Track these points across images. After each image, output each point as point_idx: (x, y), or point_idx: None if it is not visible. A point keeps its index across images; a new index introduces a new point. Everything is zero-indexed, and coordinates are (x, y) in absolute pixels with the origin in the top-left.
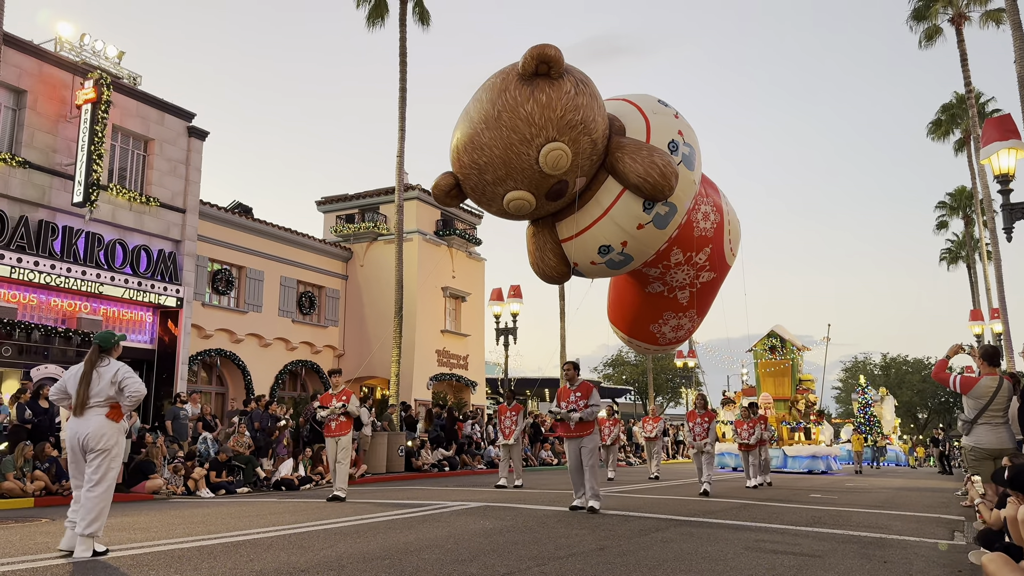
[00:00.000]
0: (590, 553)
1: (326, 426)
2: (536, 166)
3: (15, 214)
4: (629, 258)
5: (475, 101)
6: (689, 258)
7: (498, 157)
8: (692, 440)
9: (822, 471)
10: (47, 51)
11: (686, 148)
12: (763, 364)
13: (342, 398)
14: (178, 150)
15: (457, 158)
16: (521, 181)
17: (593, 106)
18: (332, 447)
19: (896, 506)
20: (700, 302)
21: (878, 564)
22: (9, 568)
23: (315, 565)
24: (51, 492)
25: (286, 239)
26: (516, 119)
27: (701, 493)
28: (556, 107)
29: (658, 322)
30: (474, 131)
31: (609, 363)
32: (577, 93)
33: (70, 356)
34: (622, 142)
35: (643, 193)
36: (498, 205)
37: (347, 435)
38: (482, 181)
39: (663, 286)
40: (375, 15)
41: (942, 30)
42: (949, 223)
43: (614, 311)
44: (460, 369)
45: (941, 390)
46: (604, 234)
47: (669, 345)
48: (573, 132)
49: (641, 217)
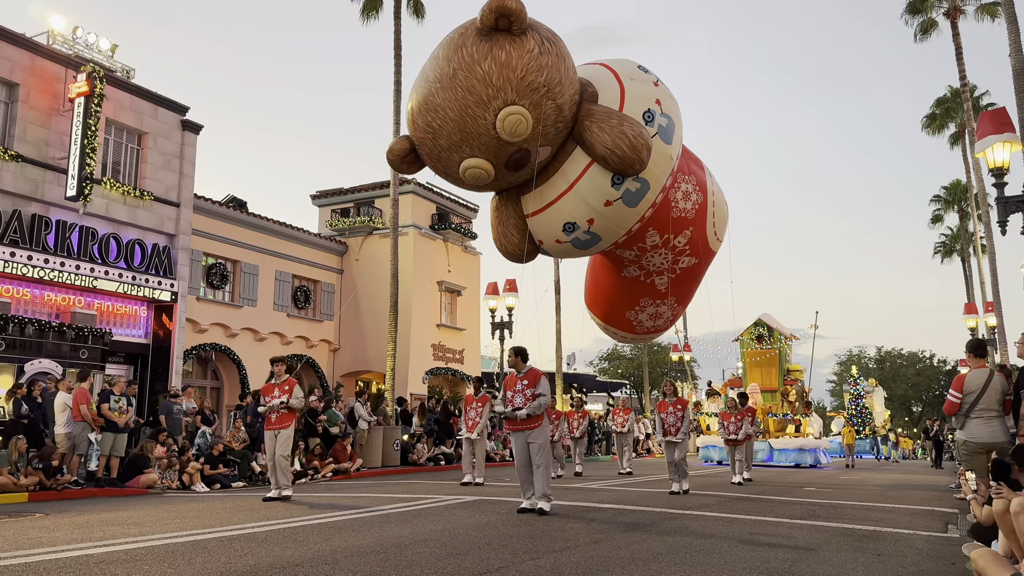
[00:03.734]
0: (585, 546)
1: (266, 419)
2: (493, 131)
3: (8, 208)
4: (597, 237)
5: (432, 58)
6: (667, 241)
7: (452, 120)
8: (663, 432)
9: (810, 465)
10: (39, 44)
11: (664, 119)
12: (749, 354)
13: (285, 389)
14: (172, 144)
15: (412, 120)
16: (477, 148)
17: (560, 67)
18: (271, 441)
19: (890, 499)
20: (680, 289)
21: (872, 557)
22: (2, 563)
23: (309, 559)
24: (45, 487)
25: (281, 233)
26: (472, 78)
27: (682, 492)
28: (516, 67)
29: (634, 309)
30: (429, 91)
31: (605, 357)
32: (541, 52)
33: (64, 351)
34: (592, 109)
35: (611, 166)
36: (455, 174)
37: (288, 428)
38: (437, 147)
39: (639, 270)
40: (370, 8)
41: (937, 24)
42: (944, 217)
43: (591, 295)
44: (456, 363)
45: (935, 383)
46: (569, 210)
47: (647, 334)
48: (535, 95)
49: (609, 193)
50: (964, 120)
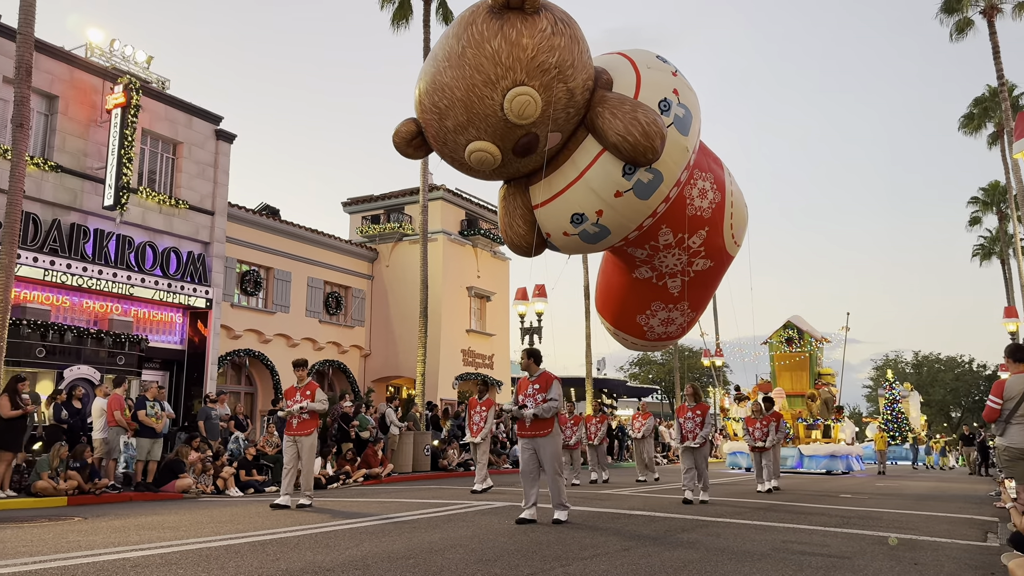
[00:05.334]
0: (615, 554)
1: (287, 424)
2: (500, 113)
3: (48, 217)
4: (605, 231)
5: (442, 37)
6: (680, 240)
7: (459, 100)
8: (680, 438)
9: (842, 471)
10: (78, 57)
11: (680, 109)
12: (779, 357)
13: (306, 393)
14: (206, 153)
15: (419, 101)
16: (484, 130)
17: (573, 49)
18: (292, 448)
19: (927, 507)
20: (694, 294)
21: (908, 566)
22: (42, 566)
23: (340, 564)
24: (83, 491)
25: (313, 240)
26: (480, 56)
27: (699, 502)
28: (527, 46)
29: (645, 313)
30: (436, 69)
31: (636, 362)
32: (554, 33)
33: (102, 357)
34: (605, 96)
35: (622, 154)
36: (460, 158)
37: (310, 434)
38: (443, 128)
39: (651, 271)
40: (399, 16)
41: (973, 22)
42: (982, 219)
43: (601, 298)
44: (486, 368)
45: (975, 389)
46: (578, 200)
47: (658, 341)
48: (545, 77)
49: (620, 183)
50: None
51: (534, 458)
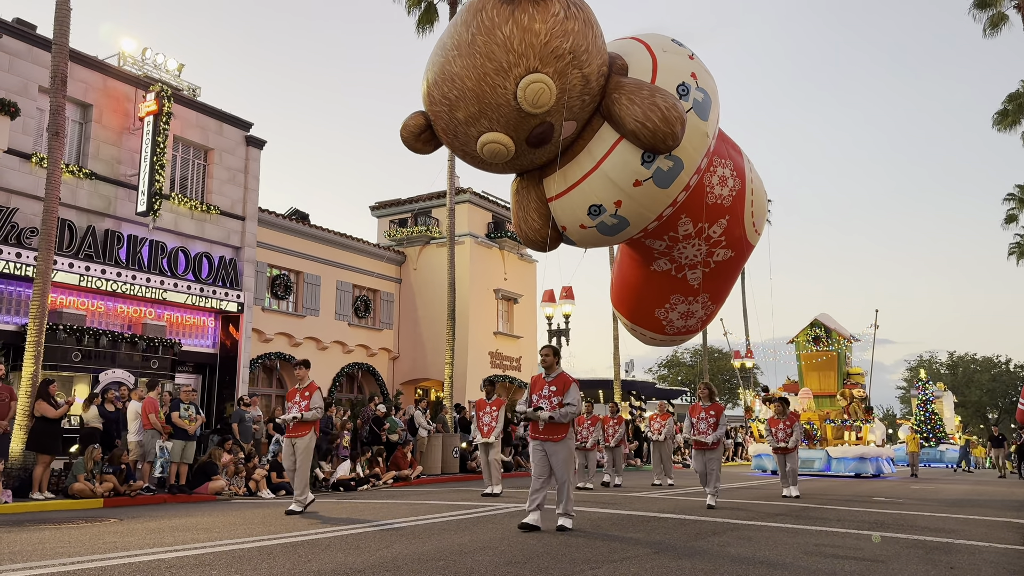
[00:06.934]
0: (644, 557)
1: (286, 426)
2: (514, 102)
3: (83, 224)
4: (624, 222)
5: (451, 25)
6: (700, 230)
7: (470, 90)
8: (693, 437)
9: (872, 474)
10: (111, 66)
11: (699, 93)
12: (806, 356)
13: (305, 395)
14: (237, 159)
15: (428, 93)
16: (497, 121)
17: (587, 34)
18: (288, 450)
19: (963, 509)
20: (714, 286)
21: (944, 570)
22: (79, 567)
23: (371, 566)
24: (119, 493)
25: (342, 244)
26: (492, 44)
27: (706, 507)
28: (540, 31)
29: (664, 307)
30: (446, 59)
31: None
32: (567, 17)
33: (136, 361)
34: (621, 82)
35: (641, 141)
36: (472, 150)
37: (306, 436)
38: (453, 120)
39: (670, 263)
40: (425, 20)
41: (1007, 17)
42: (1018, 216)
43: (617, 292)
44: (513, 371)
45: (1012, 390)
46: (595, 191)
47: (678, 335)
48: (559, 63)
49: (639, 172)
50: None
51: (545, 460)
